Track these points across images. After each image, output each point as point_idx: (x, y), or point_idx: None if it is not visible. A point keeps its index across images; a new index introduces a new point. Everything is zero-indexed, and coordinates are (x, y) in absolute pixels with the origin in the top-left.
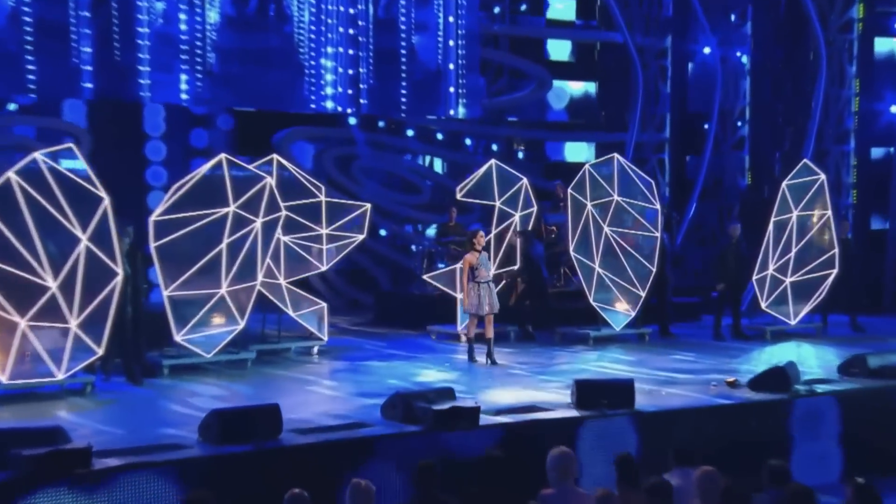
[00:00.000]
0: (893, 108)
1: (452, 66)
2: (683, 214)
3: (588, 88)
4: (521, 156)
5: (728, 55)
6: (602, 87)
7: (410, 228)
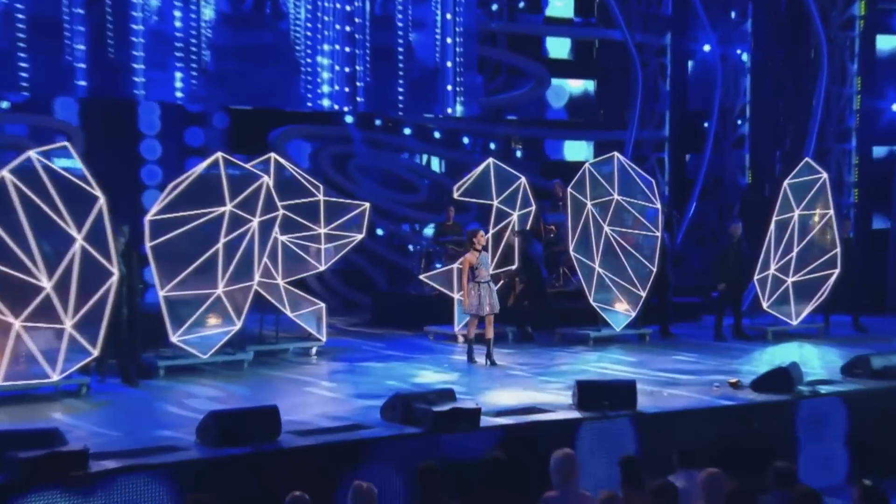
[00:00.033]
0: (895, 107)
1: (450, 64)
2: (683, 213)
3: (587, 87)
4: (520, 154)
5: (728, 53)
6: (601, 85)
7: (407, 228)
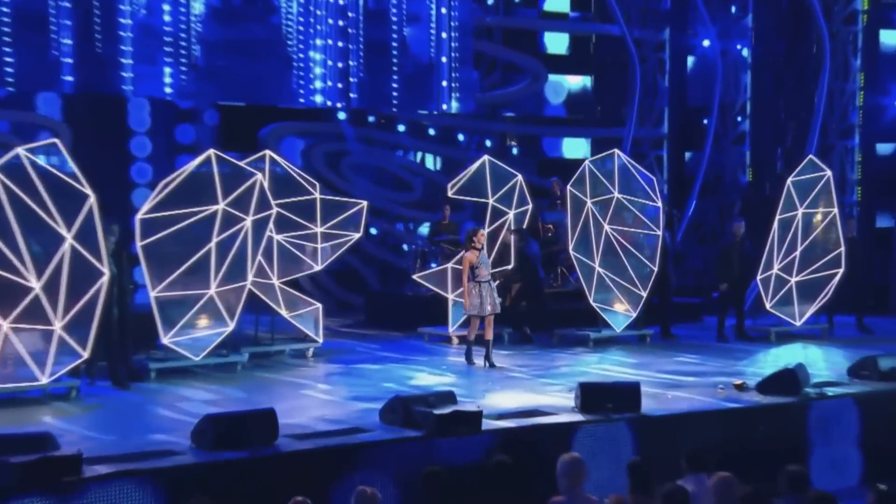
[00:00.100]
0: None
1: (445, 59)
2: (683, 212)
3: (585, 83)
4: (516, 152)
5: (728, 48)
6: (598, 81)
7: (402, 227)
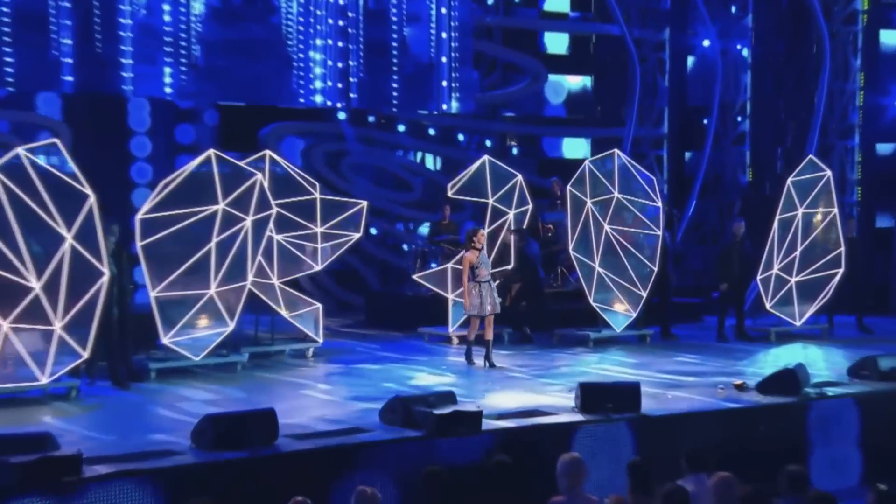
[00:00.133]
0: None
1: (445, 59)
2: (683, 212)
3: (586, 83)
4: (516, 152)
5: (728, 48)
6: (598, 81)
7: (402, 227)
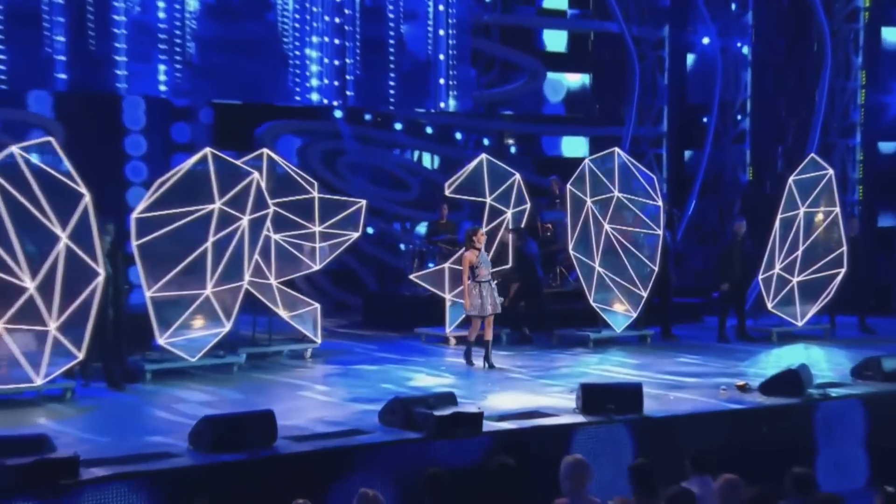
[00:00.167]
0: None
1: (443, 57)
2: (682, 211)
3: (585, 81)
4: (514, 150)
5: (728, 45)
6: (596, 79)
7: (399, 226)
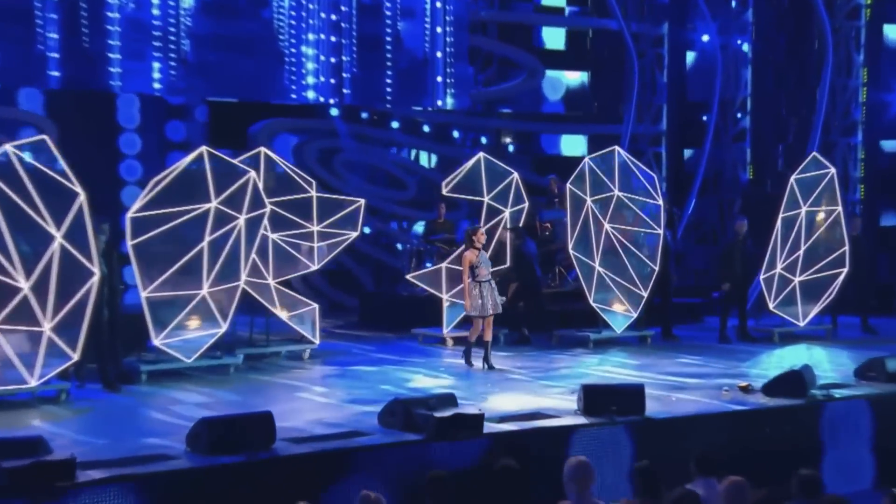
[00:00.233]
0: None
1: (440, 55)
2: (682, 210)
3: (583, 78)
4: (512, 149)
5: (728, 43)
6: (595, 77)
7: (396, 226)
